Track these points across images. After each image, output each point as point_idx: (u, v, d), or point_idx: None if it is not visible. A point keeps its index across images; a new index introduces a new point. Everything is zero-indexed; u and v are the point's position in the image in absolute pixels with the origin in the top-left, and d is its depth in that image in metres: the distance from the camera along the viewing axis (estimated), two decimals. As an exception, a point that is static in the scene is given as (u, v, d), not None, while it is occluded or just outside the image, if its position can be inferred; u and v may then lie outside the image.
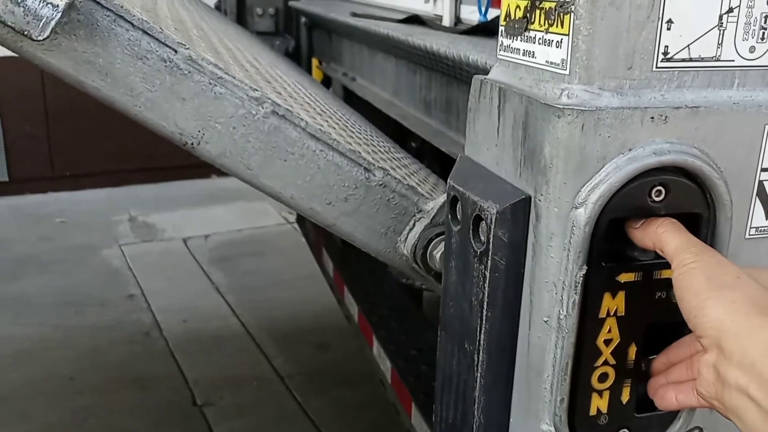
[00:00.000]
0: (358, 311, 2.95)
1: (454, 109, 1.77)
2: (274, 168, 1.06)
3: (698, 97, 0.78)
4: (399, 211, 1.12)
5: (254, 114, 1.03)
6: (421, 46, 1.74)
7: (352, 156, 1.09)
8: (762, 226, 0.84)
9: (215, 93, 1.02)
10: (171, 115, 1.01)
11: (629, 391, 0.84)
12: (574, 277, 0.77)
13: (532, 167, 0.80)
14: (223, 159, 1.04)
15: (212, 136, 1.03)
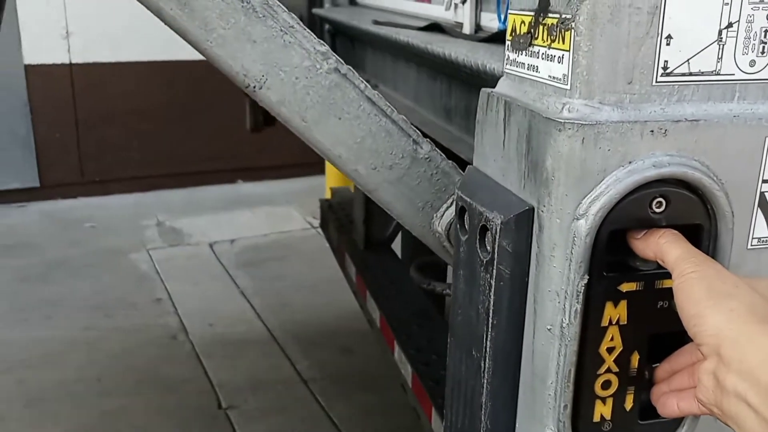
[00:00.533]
0: (380, 316, 2.97)
1: (473, 117, 1.79)
2: (328, 124, 1.07)
3: (698, 111, 0.80)
4: (439, 187, 1.13)
5: (318, 68, 1.05)
6: (441, 54, 1.77)
7: (404, 126, 1.10)
8: (764, 237, 0.85)
9: (284, 41, 1.03)
10: (239, 56, 1.02)
11: (633, 398, 0.86)
12: (576, 287, 0.79)
13: (535, 179, 0.82)
14: (281, 107, 1.05)
15: (275, 83, 1.04)
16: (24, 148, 6.08)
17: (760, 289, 0.74)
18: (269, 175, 6.85)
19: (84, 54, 6.09)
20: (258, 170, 6.82)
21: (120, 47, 6.19)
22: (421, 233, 1.15)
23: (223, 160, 6.67)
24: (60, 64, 6.04)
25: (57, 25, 5.97)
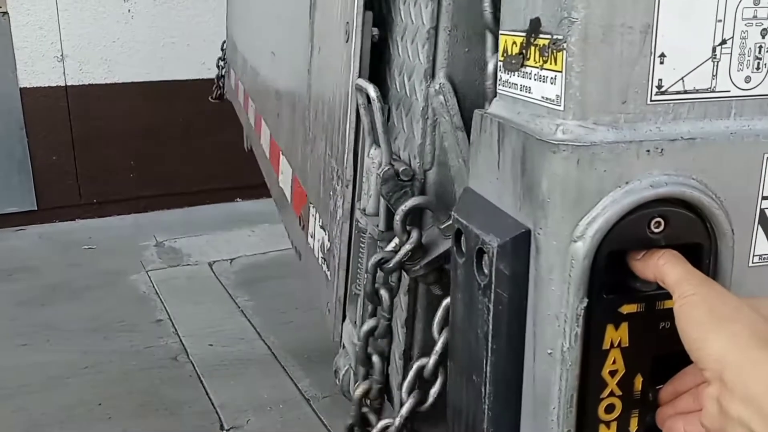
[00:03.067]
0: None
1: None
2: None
3: (695, 129, 0.79)
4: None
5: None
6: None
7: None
8: (765, 254, 0.84)
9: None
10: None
11: (637, 421, 0.84)
12: (576, 310, 0.78)
13: (531, 201, 0.81)
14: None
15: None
16: (21, 172, 6.08)
17: (762, 310, 0.73)
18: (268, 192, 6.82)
19: (79, 76, 6.10)
20: (256, 188, 6.78)
21: (115, 68, 6.21)
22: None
23: (221, 179, 6.66)
24: (55, 86, 6.05)
25: (52, 48, 5.98)
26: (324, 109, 1.40)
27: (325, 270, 1.38)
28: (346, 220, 1.25)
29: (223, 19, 6.28)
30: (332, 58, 1.33)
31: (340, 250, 1.27)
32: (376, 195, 1.14)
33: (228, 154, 6.48)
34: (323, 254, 1.39)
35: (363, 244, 1.19)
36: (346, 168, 1.23)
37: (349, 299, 1.30)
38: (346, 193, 1.25)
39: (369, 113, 1.14)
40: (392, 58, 1.22)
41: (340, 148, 1.27)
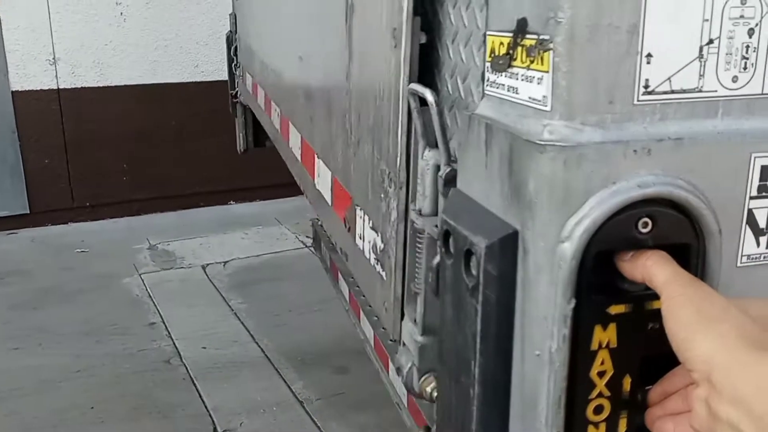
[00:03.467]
0: (374, 336, 2.95)
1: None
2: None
3: (682, 129, 0.79)
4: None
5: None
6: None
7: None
8: (753, 254, 0.84)
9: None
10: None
11: (626, 422, 0.84)
12: (563, 311, 0.78)
13: (519, 202, 0.81)
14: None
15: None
16: (13, 175, 6.06)
17: (751, 310, 0.72)
18: (261, 195, 6.84)
19: (71, 79, 6.09)
20: (250, 190, 6.81)
21: (107, 71, 6.19)
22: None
23: (215, 182, 6.66)
24: (47, 89, 6.03)
25: (44, 51, 5.97)
26: (369, 113, 1.40)
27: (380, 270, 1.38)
28: (401, 221, 1.26)
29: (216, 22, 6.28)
30: (376, 62, 1.34)
31: (396, 250, 1.28)
32: (432, 196, 1.15)
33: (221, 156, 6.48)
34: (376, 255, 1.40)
35: (420, 244, 1.20)
36: (400, 171, 1.24)
37: (407, 298, 1.31)
38: (400, 195, 1.25)
39: (422, 116, 1.15)
40: (442, 61, 1.22)
41: (391, 151, 1.28)
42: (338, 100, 1.65)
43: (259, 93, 3.16)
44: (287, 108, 2.43)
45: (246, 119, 4.12)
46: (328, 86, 1.79)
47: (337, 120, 1.67)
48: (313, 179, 2.01)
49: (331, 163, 1.75)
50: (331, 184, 1.76)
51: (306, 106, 2.06)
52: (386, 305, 1.34)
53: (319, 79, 1.92)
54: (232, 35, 4.09)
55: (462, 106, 1.10)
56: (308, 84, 2.05)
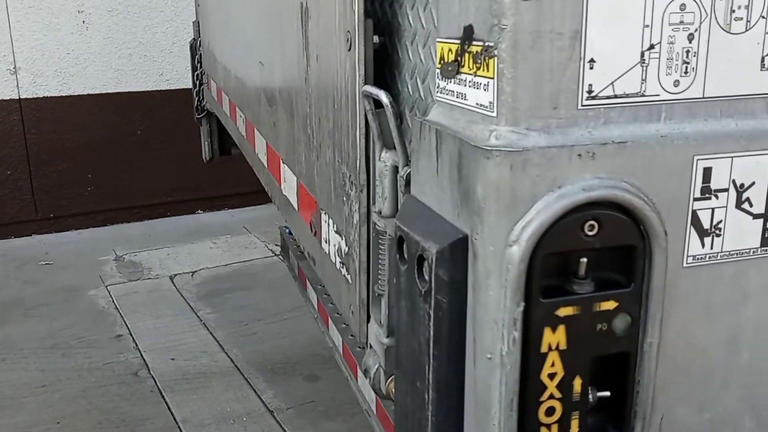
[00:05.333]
0: (342, 342, 2.94)
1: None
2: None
3: (625, 133, 0.80)
4: None
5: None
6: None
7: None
8: (699, 254, 0.86)
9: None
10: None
11: (578, 423, 0.85)
12: (513, 314, 0.79)
13: (468, 207, 0.81)
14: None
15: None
16: (-26, 188, 5.95)
17: None
18: (230, 203, 6.79)
19: (33, 89, 6.00)
20: (218, 199, 6.76)
21: (70, 81, 6.11)
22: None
23: (182, 191, 6.59)
24: (8, 99, 5.93)
25: (4, 60, 5.87)
26: (329, 117, 1.40)
27: (345, 274, 1.38)
28: (363, 223, 1.27)
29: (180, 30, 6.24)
30: (332, 66, 1.34)
31: (359, 253, 1.28)
32: (392, 197, 1.15)
33: (188, 165, 6.43)
34: (341, 258, 1.40)
35: (383, 246, 1.20)
36: (360, 173, 1.24)
37: (372, 300, 1.31)
38: (361, 198, 1.26)
39: (378, 118, 1.15)
40: (401, 63, 1.23)
41: (350, 154, 1.28)
42: (299, 104, 1.65)
43: (224, 99, 3.14)
44: (252, 114, 2.42)
45: (211, 127, 4.09)
46: (288, 91, 1.79)
47: (299, 124, 1.67)
48: (279, 185, 2.00)
49: (295, 167, 1.75)
50: (297, 189, 1.76)
51: (269, 111, 2.06)
52: (352, 308, 1.35)
53: (279, 85, 1.92)
54: (196, 43, 4.07)
55: (422, 107, 1.11)
56: (270, 89, 2.05)
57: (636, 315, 0.83)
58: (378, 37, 1.22)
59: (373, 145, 1.22)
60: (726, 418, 0.93)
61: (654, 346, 0.85)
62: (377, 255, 1.25)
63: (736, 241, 0.86)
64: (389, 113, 1.10)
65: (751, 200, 0.85)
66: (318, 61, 1.47)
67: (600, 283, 0.82)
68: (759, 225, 0.87)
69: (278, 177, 2.01)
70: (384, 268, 1.22)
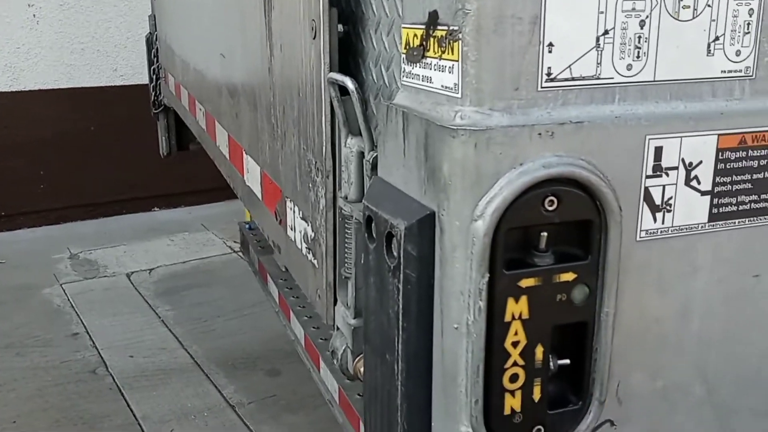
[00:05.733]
0: (304, 335, 2.97)
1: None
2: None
3: (582, 113, 0.85)
4: None
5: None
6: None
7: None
8: (651, 229, 0.91)
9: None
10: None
11: (540, 389, 0.89)
12: (478, 285, 0.83)
13: (434, 185, 0.85)
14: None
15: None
16: None
17: None
18: (187, 200, 6.73)
19: (-19, 85, 5.87)
20: (175, 196, 6.70)
21: (21, 76, 5.99)
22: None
23: (138, 188, 6.52)
24: (-43, 95, 5.80)
25: (-48, 56, 5.74)
26: (294, 105, 1.42)
27: (311, 259, 1.40)
28: (329, 209, 1.29)
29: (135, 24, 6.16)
30: (297, 55, 1.37)
31: (326, 238, 1.31)
32: (358, 182, 1.18)
33: (144, 162, 6.36)
34: (307, 244, 1.42)
35: (349, 230, 1.23)
36: (326, 159, 1.27)
37: (339, 283, 1.33)
38: (327, 184, 1.28)
39: (343, 105, 1.18)
40: (366, 51, 1.25)
41: (316, 140, 1.30)
42: (262, 94, 1.67)
43: (183, 93, 3.13)
44: (213, 106, 2.43)
45: (168, 122, 4.06)
46: (251, 82, 1.80)
47: (262, 114, 1.69)
48: (242, 176, 2.02)
49: (259, 157, 1.77)
50: (261, 179, 1.78)
51: (231, 103, 2.07)
52: (319, 292, 1.37)
53: (242, 76, 1.93)
54: (152, 37, 4.03)
55: (386, 94, 1.15)
56: (232, 81, 2.07)
57: (593, 286, 0.88)
58: (342, 26, 1.25)
59: (339, 131, 1.25)
60: (678, 385, 0.99)
61: (610, 315, 0.90)
62: (343, 239, 1.28)
63: (685, 217, 0.92)
64: (355, 99, 1.13)
65: (698, 178, 0.91)
66: (282, 50, 1.49)
67: (559, 256, 0.86)
68: (706, 201, 0.92)
69: (241, 168, 2.03)
70: (350, 251, 1.25)
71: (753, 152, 0.92)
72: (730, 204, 0.93)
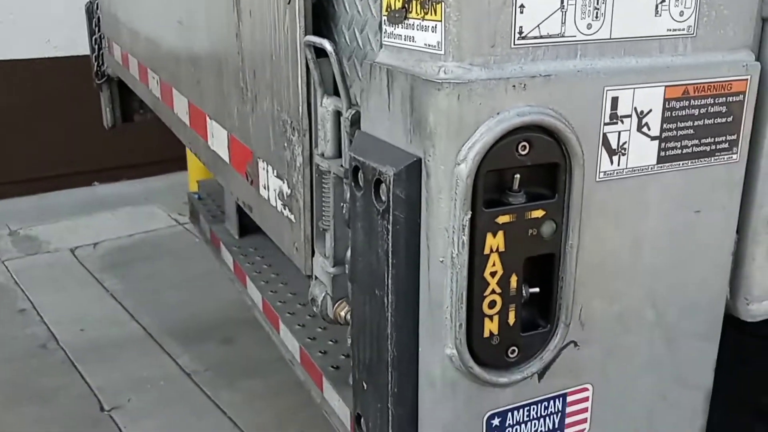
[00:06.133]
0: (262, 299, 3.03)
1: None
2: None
3: (549, 68, 0.96)
4: None
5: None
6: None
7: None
8: (608, 170, 1.03)
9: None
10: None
11: (515, 314, 1.01)
12: (462, 221, 0.93)
13: (420, 134, 0.95)
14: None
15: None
16: None
17: None
18: (127, 174, 6.65)
19: None
20: (115, 170, 6.60)
21: (-54, 49, 5.79)
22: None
23: (76, 163, 6.40)
24: None
25: None
26: (266, 69, 1.48)
27: (288, 215, 1.47)
28: (306, 165, 1.36)
29: (69, -5, 5.99)
30: (269, 20, 1.42)
31: (303, 193, 1.38)
32: (334, 139, 1.26)
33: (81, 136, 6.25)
34: (282, 201, 1.49)
35: (326, 185, 1.31)
36: (302, 119, 1.34)
37: (317, 235, 1.41)
38: (304, 142, 1.35)
39: (320, 67, 1.25)
40: (338, 15, 1.33)
41: (291, 102, 1.37)
42: (229, 60, 1.73)
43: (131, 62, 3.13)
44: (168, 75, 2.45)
45: (112, 93, 4.02)
46: (216, 48, 1.85)
47: (229, 80, 1.74)
48: (206, 141, 2.07)
49: (226, 122, 1.83)
50: (228, 143, 1.84)
51: (191, 70, 2.11)
52: (296, 245, 1.46)
53: (204, 43, 1.97)
54: (92, 6, 3.97)
55: (360, 56, 1.23)
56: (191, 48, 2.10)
57: (560, 221, 1.00)
58: None
59: (315, 92, 1.33)
60: (631, 310, 1.12)
61: (574, 248, 1.02)
62: (320, 194, 1.36)
63: (637, 159, 1.04)
64: (333, 61, 1.21)
65: (649, 125, 1.03)
66: (251, 16, 1.55)
67: (530, 196, 0.97)
68: (655, 146, 1.05)
69: (204, 134, 2.08)
70: (328, 204, 1.34)
71: (694, 102, 1.05)
72: (675, 148, 1.06)
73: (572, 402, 1.12)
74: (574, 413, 1.12)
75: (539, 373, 1.07)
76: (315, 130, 1.35)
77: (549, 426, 1.11)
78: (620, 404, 1.16)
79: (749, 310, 1.22)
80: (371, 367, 1.10)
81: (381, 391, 1.08)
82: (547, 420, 1.10)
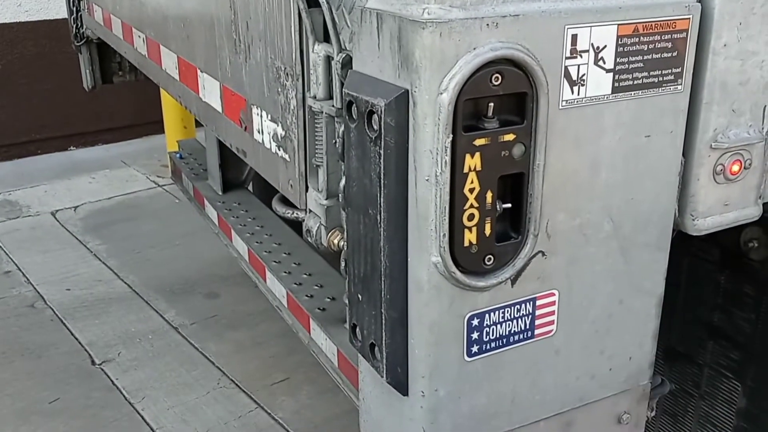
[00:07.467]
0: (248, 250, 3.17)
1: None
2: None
3: (518, 8, 1.10)
4: None
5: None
6: None
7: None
8: (569, 99, 1.18)
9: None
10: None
11: (490, 226, 1.17)
12: (444, 144, 1.08)
13: (408, 69, 1.09)
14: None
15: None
16: None
17: None
18: (104, 138, 6.69)
19: None
20: (91, 135, 6.64)
21: None
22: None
23: (51, 128, 6.43)
24: None
25: None
26: (258, 20, 1.60)
27: (282, 155, 1.61)
28: (300, 108, 1.49)
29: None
30: None
31: (297, 134, 1.51)
32: (325, 82, 1.40)
33: (56, 101, 6.27)
34: (277, 143, 1.62)
35: (319, 124, 1.45)
36: (295, 64, 1.47)
37: (310, 172, 1.55)
38: (297, 86, 1.48)
39: (311, 15, 1.38)
40: None
41: (285, 49, 1.50)
42: (221, 14, 1.84)
43: (114, 23, 3.20)
44: (156, 32, 2.55)
45: (92, 55, 4.08)
46: (207, 4, 1.96)
47: (220, 32, 1.86)
48: (197, 93, 2.18)
49: (218, 73, 1.95)
50: (221, 93, 1.96)
51: (180, 26, 2.22)
52: (291, 182, 1.60)
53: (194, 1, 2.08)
54: (67, -31, 4.01)
55: (348, 4, 1.36)
56: (181, 5, 2.20)
57: (528, 144, 1.15)
58: None
59: (307, 39, 1.46)
60: (591, 222, 1.28)
61: (541, 167, 1.17)
62: (313, 133, 1.50)
63: (594, 89, 1.19)
64: (325, 9, 1.34)
65: (604, 59, 1.18)
66: (243, -30, 1.67)
67: (503, 122, 1.12)
68: (610, 77, 1.20)
69: (195, 87, 2.19)
70: (321, 142, 1.48)
71: (643, 38, 1.20)
72: (627, 79, 1.22)
73: (541, 305, 1.28)
74: (543, 315, 1.29)
75: (512, 278, 1.23)
76: (307, 74, 1.48)
77: (521, 326, 1.27)
78: (583, 307, 1.33)
79: (695, 224, 1.39)
80: (365, 279, 1.26)
81: (375, 299, 1.24)
82: (519, 321, 1.27)
